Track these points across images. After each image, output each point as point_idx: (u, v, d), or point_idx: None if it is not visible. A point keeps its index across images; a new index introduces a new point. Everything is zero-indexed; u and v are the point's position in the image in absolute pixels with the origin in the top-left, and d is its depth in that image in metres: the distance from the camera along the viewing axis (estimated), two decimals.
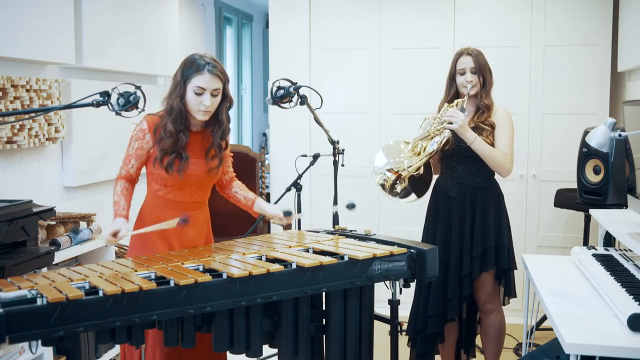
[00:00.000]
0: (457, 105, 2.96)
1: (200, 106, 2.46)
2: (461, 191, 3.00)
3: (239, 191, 2.79)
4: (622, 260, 2.57)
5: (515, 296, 3.07)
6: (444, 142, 2.93)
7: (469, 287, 2.99)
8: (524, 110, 4.35)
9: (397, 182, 2.99)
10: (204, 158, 2.58)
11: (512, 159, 2.98)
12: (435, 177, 3.12)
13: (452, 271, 2.97)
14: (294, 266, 2.19)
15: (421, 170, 2.97)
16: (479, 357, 3.47)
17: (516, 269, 3.06)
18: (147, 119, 2.55)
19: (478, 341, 3.27)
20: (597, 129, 2.48)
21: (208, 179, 2.63)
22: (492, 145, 2.96)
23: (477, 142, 2.89)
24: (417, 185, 3.02)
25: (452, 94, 3.06)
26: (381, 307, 2.72)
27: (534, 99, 4.39)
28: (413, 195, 3.05)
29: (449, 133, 2.92)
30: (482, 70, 2.99)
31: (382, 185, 3.01)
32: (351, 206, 2.39)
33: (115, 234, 2.37)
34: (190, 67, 2.47)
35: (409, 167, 2.93)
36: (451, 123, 2.87)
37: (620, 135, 2.41)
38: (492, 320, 3.06)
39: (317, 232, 2.83)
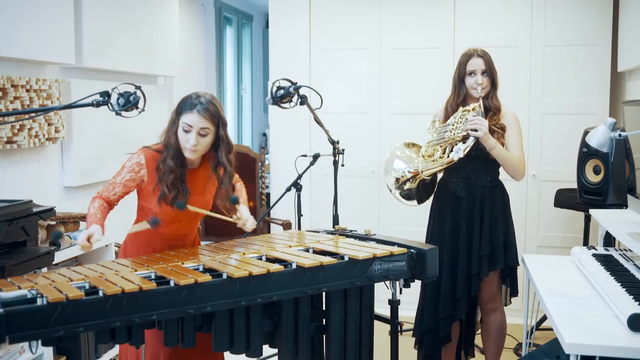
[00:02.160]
0: (475, 110, 2.89)
1: (187, 144, 2.42)
2: (470, 191, 2.98)
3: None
4: (622, 260, 2.57)
5: (517, 295, 3.06)
6: (469, 149, 2.84)
7: (477, 286, 2.98)
8: (524, 110, 4.34)
9: (409, 181, 3.00)
10: (201, 196, 2.55)
11: (525, 162, 2.96)
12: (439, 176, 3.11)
13: (461, 271, 2.97)
14: (294, 266, 2.19)
15: (437, 175, 2.95)
16: (479, 357, 3.48)
17: (518, 265, 3.05)
18: (145, 153, 2.50)
19: (477, 341, 3.27)
20: (597, 129, 2.48)
21: (199, 216, 2.61)
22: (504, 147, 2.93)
23: (497, 149, 2.85)
24: (421, 191, 3.01)
25: (462, 95, 3.01)
26: (381, 307, 2.72)
27: (534, 99, 4.39)
28: (414, 201, 3.05)
29: (473, 140, 2.84)
30: (492, 72, 2.96)
31: (397, 179, 3.01)
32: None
33: (89, 239, 2.31)
34: (184, 103, 2.45)
35: (425, 170, 2.91)
36: (476, 130, 2.80)
37: (620, 135, 2.41)
38: (493, 320, 3.05)
39: (317, 232, 2.83)
